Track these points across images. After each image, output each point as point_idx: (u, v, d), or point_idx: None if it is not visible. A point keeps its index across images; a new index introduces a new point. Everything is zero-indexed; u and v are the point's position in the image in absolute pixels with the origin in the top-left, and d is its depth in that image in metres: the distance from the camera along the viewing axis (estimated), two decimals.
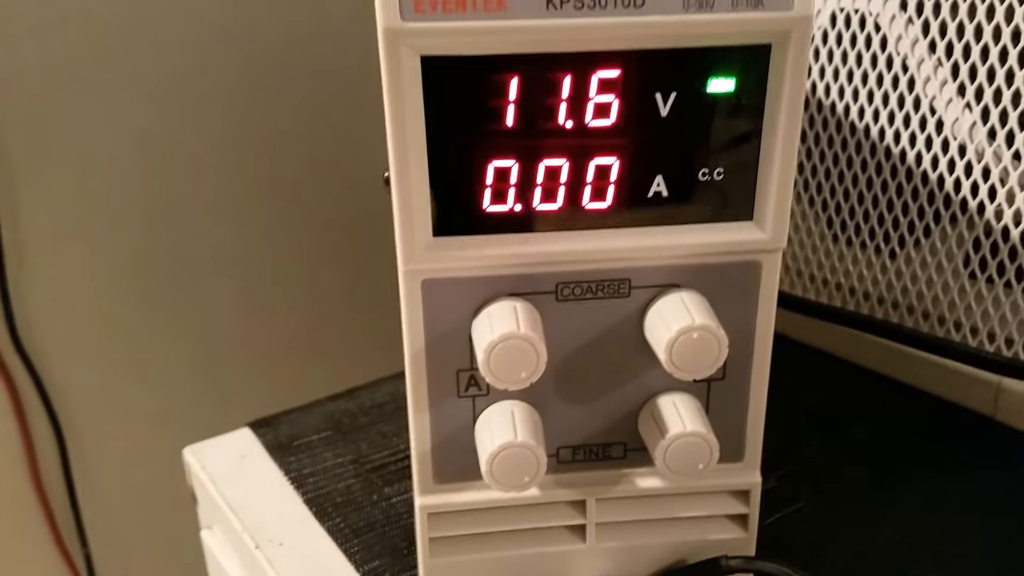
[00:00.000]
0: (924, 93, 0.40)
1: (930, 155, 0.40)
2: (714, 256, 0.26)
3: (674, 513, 0.29)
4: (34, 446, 0.66)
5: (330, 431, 0.46)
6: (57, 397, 0.67)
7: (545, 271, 0.26)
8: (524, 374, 0.25)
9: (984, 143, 0.39)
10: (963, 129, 0.39)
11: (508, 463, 0.26)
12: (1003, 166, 0.38)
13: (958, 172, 0.40)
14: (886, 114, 0.41)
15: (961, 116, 0.39)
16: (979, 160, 0.39)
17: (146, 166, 0.66)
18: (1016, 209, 0.39)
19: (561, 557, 0.30)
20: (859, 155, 0.43)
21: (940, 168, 0.40)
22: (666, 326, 0.25)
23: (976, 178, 0.39)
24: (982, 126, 0.38)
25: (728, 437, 0.28)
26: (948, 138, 0.40)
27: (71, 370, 0.67)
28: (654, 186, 0.25)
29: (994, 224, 0.40)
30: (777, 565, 0.28)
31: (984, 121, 0.38)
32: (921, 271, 0.43)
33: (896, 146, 0.42)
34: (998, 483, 0.40)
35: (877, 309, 0.46)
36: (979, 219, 0.40)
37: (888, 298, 0.45)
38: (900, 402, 0.46)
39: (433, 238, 0.25)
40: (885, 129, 0.42)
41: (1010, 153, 0.38)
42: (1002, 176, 0.39)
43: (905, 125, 0.41)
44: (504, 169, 0.25)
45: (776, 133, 0.24)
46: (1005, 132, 0.38)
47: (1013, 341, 0.41)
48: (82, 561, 0.70)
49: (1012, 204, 0.39)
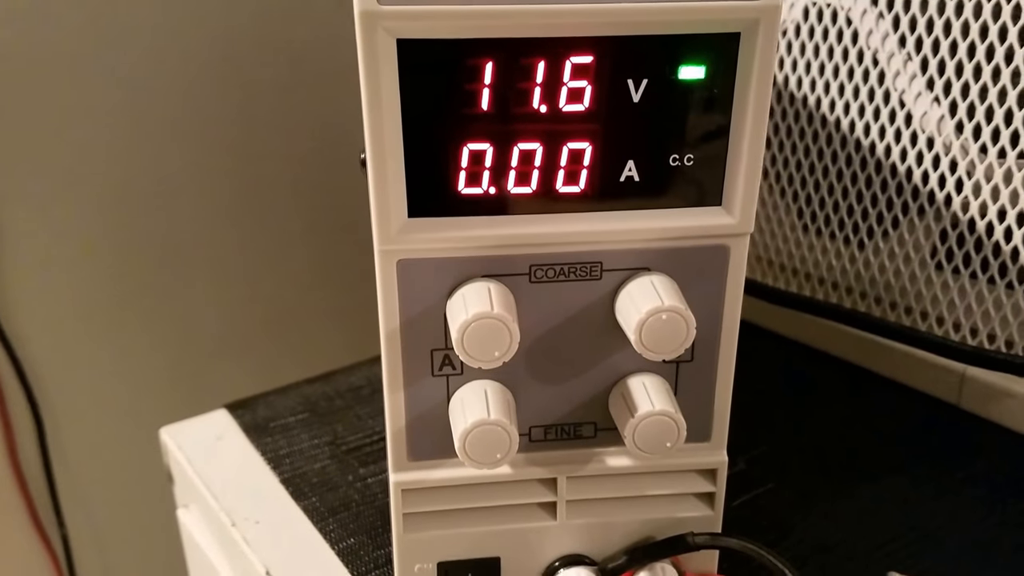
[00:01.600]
0: (894, 87, 0.41)
1: (899, 148, 0.41)
2: (684, 240, 0.26)
3: (643, 491, 0.30)
4: (12, 428, 0.66)
5: (306, 413, 0.47)
6: (35, 379, 0.67)
7: (519, 253, 0.27)
8: (497, 353, 0.26)
9: (952, 136, 0.39)
10: (931, 123, 0.40)
11: (481, 440, 0.27)
12: (970, 159, 0.39)
13: (926, 165, 0.41)
14: (856, 107, 0.42)
15: (930, 110, 0.40)
16: (947, 153, 0.40)
17: (121, 153, 0.66)
18: (982, 201, 0.40)
19: (532, 533, 0.30)
20: (829, 148, 0.44)
21: (908, 161, 0.41)
22: (636, 307, 0.26)
23: (943, 171, 0.40)
24: (950, 120, 0.39)
25: (696, 418, 0.29)
26: (917, 131, 0.41)
27: (49, 353, 0.67)
28: (626, 171, 0.26)
29: (960, 216, 0.41)
30: (741, 541, 0.28)
31: (952, 115, 0.39)
32: (889, 262, 0.44)
33: (866, 139, 0.42)
34: (962, 468, 0.41)
35: (845, 299, 0.47)
36: (946, 211, 0.41)
37: (856, 288, 0.46)
38: (867, 389, 0.47)
39: (408, 219, 0.26)
40: (855, 122, 0.42)
41: (977, 146, 0.39)
42: (969, 169, 0.39)
43: (875, 118, 0.42)
44: (479, 152, 0.25)
45: (745, 120, 0.25)
46: (972, 126, 0.39)
47: (978, 330, 0.42)
48: (59, 541, 0.71)
49: (978, 196, 0.40)
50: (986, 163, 0.39)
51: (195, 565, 0.49)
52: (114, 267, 0.68)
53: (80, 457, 0.71)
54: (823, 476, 0.41)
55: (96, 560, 0.74)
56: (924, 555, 0.36)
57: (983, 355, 0.40)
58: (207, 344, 0.75)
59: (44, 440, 0.68)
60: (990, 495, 0.39)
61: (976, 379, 0.43)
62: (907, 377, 0.46)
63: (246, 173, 0.72)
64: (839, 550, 0.36)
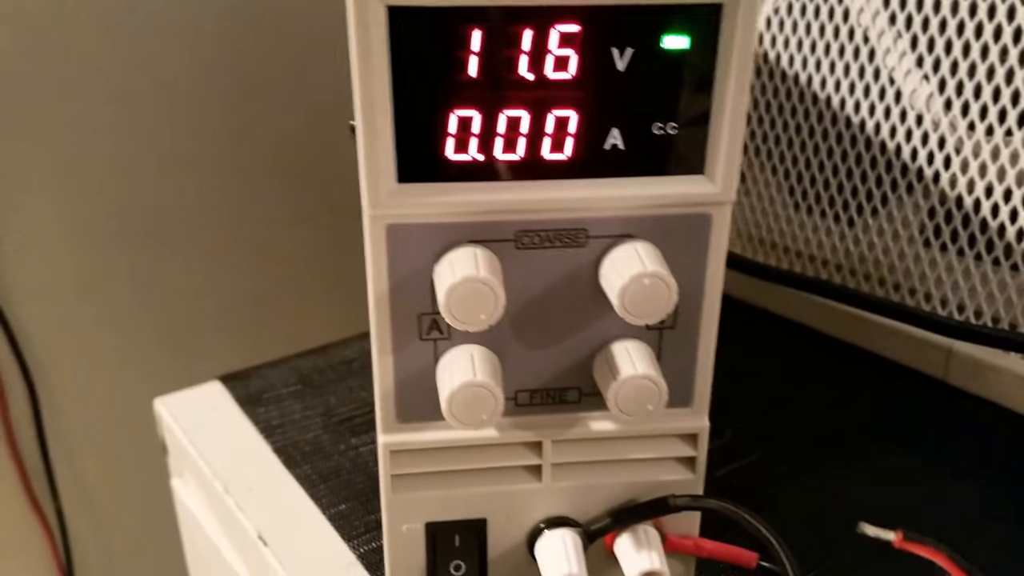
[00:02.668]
0: (884, 64, 0.41)
1: (888, 125, 0.42)
2: (667, 208, 0.27)
3: (626, 455, 0.31)
4: (7, 401, 0.67)
5: (299, 385, 0.47)
6: (30, 353, 0.67)
7: (505, 219, 0.27)
8: (483, 316, 0.26)
9: (940, 113, 0.40)
10: (920, 99, 0.40)
11: (467, 401, 0.27)
12: (958, 135, 0.40)
13: (915, 142, 0.41)
14: (846, 84, 0.43)
15: (919, 86, 0.40)
16: (935, 130, 0.40)
17: (115, 129, 0.67)
18: (970, 178, 0.40)
19: (518, 495, 0.31)
20: (820, 125, 0.45)
21: (898, 138, 0.42)
22: (619, 273, 0.26)
23: (932, 148, 0.41)
24: (939, 96, 0.40)
25: (678, 383, 0.29)
26: (906, 108, 0.41)
27: (44, 326, 0.68)
28: (610, 139, 0.26)
29: (948, 193, 0.41)
30: (720, 502, 0.29)
31: (941, 91, 0.39)
32: (877, 239, 0.45)
33: (855, 116, 0.43)
34: (947, 442, 0.42)
35: (835, 276, 0.47)
36: (934, 188, 0.42)
37: (845, 265, 0.47)
38: (854, 365, 0.48)
39: (397, 184, 0.26)
40: (845, 99, 0.43)
41: (965, 123, 0.39)
42: (957, 145, 0.40)
43: (865, 95, 0.42)
44: (466, 118, 0.26)
45: (727, 90, 0.25)
46: (961, 102, 0.39)
47: (964, 306, 0.43)
48: (53, 515, 0.71)
49: (966, 173, 0.40)
50: (974, 140, 0.39)
51: (189, 534, 0.49)
52: (108, 241, 0.69)
53: (74, 429, 0.72)
54: (809, 449, 0.41)
55: (90, 531, 0.75)
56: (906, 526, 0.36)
57: (969, 329, 0.40)
58: (200, 318, 0.75)
59: (39, 413, 0.69)
60: (975, 468, 0.40)
61: (962, 354, 0.44)
62: (894, 353, 0.47)
63: (239, 149, 0.73)
64: (822, 519, 0.37)
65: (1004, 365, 0.43)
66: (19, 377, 0.67)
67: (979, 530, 0.36)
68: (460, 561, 0.32)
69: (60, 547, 0.73)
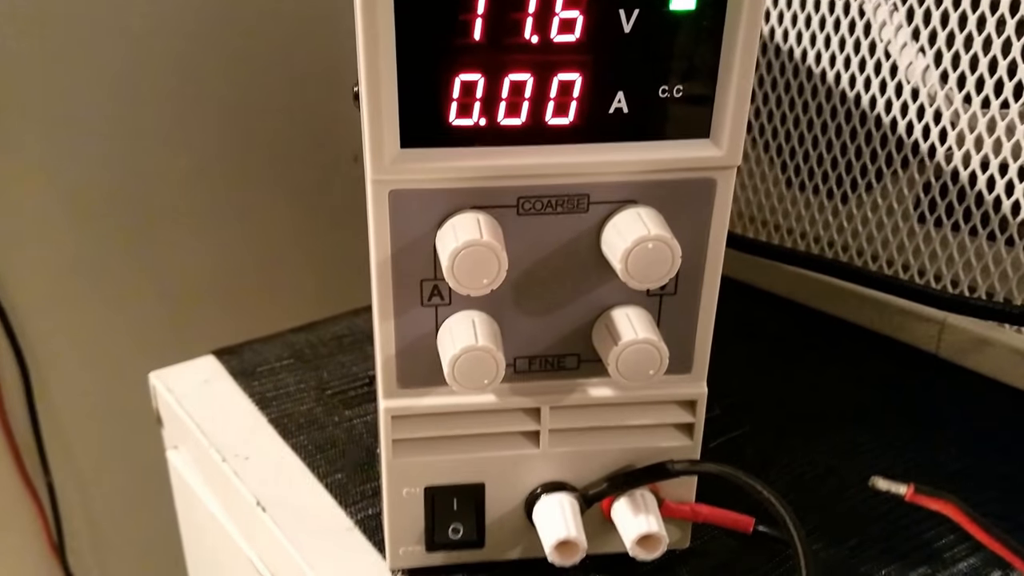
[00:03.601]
0: (879, 38, 0.41)
1: (883, 99, 0.42)
2: (671, 173, 0.27)
3: (624, 421, 0.31)
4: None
5: (292, 359, 0.47)
6: (20, 328, 0.67)
7: (507, 184, 0.27)
8: (486, 280, 0.26)
9: (936, 87, 0.40)
10: (916, 73, 0.41)
11: (469, 366, 0.27)
12: (954, 109, 0.40)
13: (910, 116, 0.41)
14: (842, 59, 0.43)
15: (914, 60, 0.40)
16: (931, 104, 0.41)
17: (111, 104, 0.66)
18: (965, 151, 0.40)
19: (516, 461, 0.31)
20: (814, 100, 0.45)
21: (893, 112, 0.42)
22: (622, 237, 0.26)
23: (927, 121, 0.41)
24: (934, 70, 0.40)
25: (677, 349, 0.30)
26: (901, 82, 0.41)
27: (35, 301, 0.67)
28: (615, 102, 0.26)
29: (943, 167, 0.41)
30: (718, 466, 0.29)
31: (936, 65, 0.40)
32: (871, 215, 0.45)
33: (851, 91, 0.43)
34: (939, 415, 0.42)
35: (828, 253, 0.48)
36: (929, 162, 0.42)
37: (838, 242, 0.47)
38: (846, 340, 0.48)
39: (401, 150, 0.26)
40: (840, 74, 0.43)
41: (960, 96, 0.39)
42: (952, 119, 0.40)
43: (860, 70, 0.42)
44: (470, 83, 0.26)
45: (734, 52, 0.25)
46: (956, 75, 0.39)
47: (959, 281, 0.43)
48: (45, 490, 0.71)
49: (961, 146, 0.40)
50: (969, 112, 0.39)
51: (184, 507, 0.49)
52: (100, 217, 0.68)
53: (65, 405, 0.71)
54: (801, 422, 0.42)
55: (81, 507, 0.75)
56: None
57: (962, 302, 0.41)
58: (192, 294, 0.75)
59: (30, 389, 0.68)
60: (966, 441, 0.40)
61: (955, 328, 0.44)
62: (886, 327, 0.47)
63: (234, 125, 0.72)
64: (814, 490, 0.37)
65: (996, 338, 0.43)
66: (10, 352, 0.67)
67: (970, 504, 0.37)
68: (458, 524, 0.32)
69: (51, 522, 0.72)
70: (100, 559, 0.78)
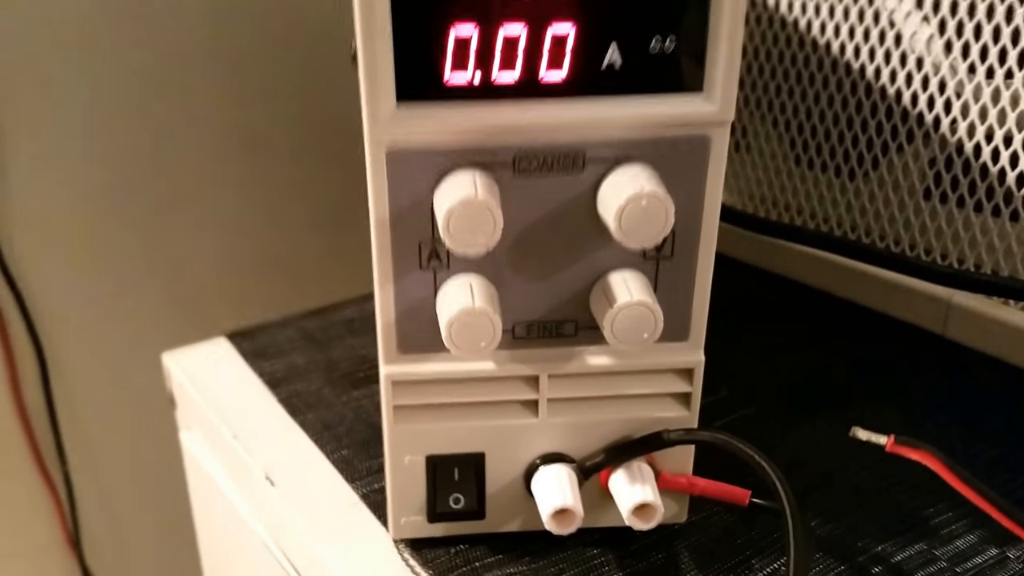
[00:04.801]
0: (883, 6, 0.41)
1: (888, 70, 0.42)
2: (665, 129, 0.27)
3: (622, 391, 0.31)
4: (15, 364, 0.67)
5: (302, 342, 0.48)
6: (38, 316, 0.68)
7: (503, 142, 0.27)
8: (482, 239, 0.26)
9: (940, 56, 0.40)
10: (920, 43, 0.40)
11: (466, 329, 0.27)
12: (958, 78, 0.40)
13: (915, 87, 0.41)
14: (846, 28, 0.43)
15: (919, 28, 0.40)
16: (935, 73, 0.40)
17: (124, 87, 0.67)
18: (970, 123, 0.40)
19: (515, 430, 0.31)
20: (820, 72, 0.45)
21: (897, 83, 0.42)
22: (616, 195, 0.26)
23: (932, 92, 0.41)
24: (939, 38, 0.40)
25: (674, 315, 0.29)
26: (906, 52, 0.41)
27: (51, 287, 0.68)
28: (608, 55, 0.26)
29: (948, 139, 0.41)
30: (713, 434, 0.29)
31: (941, 33, 0.39)
32: (879, 189, 0.45)
33: (855, 61, 0.43)
34: (945, 395, 0.42)
35: (836, 231, 0.47)
36: (934, 134, 0.42)
37: (846, 220, 0.47)
38: (853, 321, 0.48)
39: (397, 107, 0.26)
40: (845, 44, 0.43)
41: (965, 66, 0.39)
42: (957, 89, 0.40)
43: (864, 39, 0.42)
44: (464, 38, 0.26)
45: (723, 4, 0.25)
46: (961, 44, 0.39)
47: (965, 259, 0.43)
48: (61, 480, 0.72)
49: (966, 117, 0.40)
50: (974, 82, 0.39)
51: (196, 488, 0.50)
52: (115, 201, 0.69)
53: (81, 391, 0.72)
54: (805, 404, 0.41)
55: (97, 497, 0.75)
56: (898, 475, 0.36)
57: (968, 277, 0.40)
58: (205, 278, 0.75)
59: (47, 380, 0.69)
60: (972, 420, 0.40)
61: (961, 308, 0.44)
62: (892, 307, 0.46)
63: (246, 108, 0.73)
64: (816, 469, 0.37)
65: (1004, 317, 0.43)
66: (28, 342, 0.68)
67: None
68: (459, 494, 0.32)
69: (68, 512, 0.73)
70: (116, 550, 0.79)
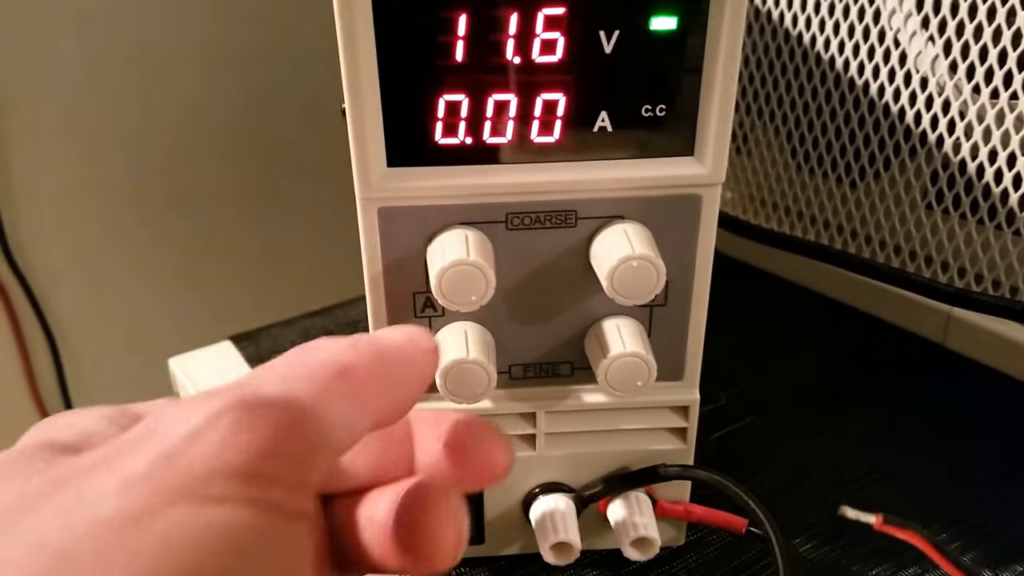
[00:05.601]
0: (889, 25, 0.40)
1: (892, 87, 0.41)
2: (656, 189, 0.27)
3: (618, 426, 0.31)
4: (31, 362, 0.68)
5: None
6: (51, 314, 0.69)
7: (496, 201, 0.27)
8: (474, 297, 0.27)
9: (945, 76, 0.39)
10: (925, 62, 0.40)
11: (460, 377, 0.28)
12: (963, 99, 0.39)
13: (919, 105, 0.41)
14: (851, 46, 0.42)
15: (924, 49, 0.39)
16: (940, 94, 0.40)
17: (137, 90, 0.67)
18: (973, 143, 0.40)
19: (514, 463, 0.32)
20: (824, 86, 0.44)
21: (902, 101, 0.41)
22: (608, 255, 0.26)
23: (936, 111, 0.40)
24: (944, 59, 0.39)
25: (668, 358, 0.30)
26: (911, 71, 0.40)
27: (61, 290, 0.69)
28: (599, 121, 0.26)
29: (952, 157, 0.41)
30: (708, 473, 0.30)
31: (946, 55, 0.39)
32: (880, 202, 0.45)
33: (860, 78, 0.42)
34: (944, 406, 0.42)
35: (836, 238, 0.47)
36: (937, 152, 0.41)
37: (847, 227, 0.47)
38: (853, 327, 0.48)
39: (387, 169, 0.27)
40: (850, 61, 0.42)
41: (970, 87, 0.39)
42: (961, 109, 0.39)
43: (869, 57, 0.41)
44: (454, 103, 0.26)
45: (716, 71, 0.25)
46: (966, 65, 0.38)
47: (965, 271, 0.43)
48: None
49: (969, 138, 0.40)
50: (979, 103, 0.39)
51: None
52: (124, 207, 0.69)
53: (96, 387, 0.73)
54: (805, 413, 0.42)
55: None
56: (900, 487, 0.37)
57: (968, 296, 0.40)
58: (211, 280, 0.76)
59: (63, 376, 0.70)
60: (970, 432, 0.40)
61: (962, 319, 0.44)
62: (893, 315, 0.47)
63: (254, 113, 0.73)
64: (815, 482, 0.37)
65: (1003, 330, 0.43)
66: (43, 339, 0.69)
67: (973, 493, 0.37)
68: None
69: None
70: None
